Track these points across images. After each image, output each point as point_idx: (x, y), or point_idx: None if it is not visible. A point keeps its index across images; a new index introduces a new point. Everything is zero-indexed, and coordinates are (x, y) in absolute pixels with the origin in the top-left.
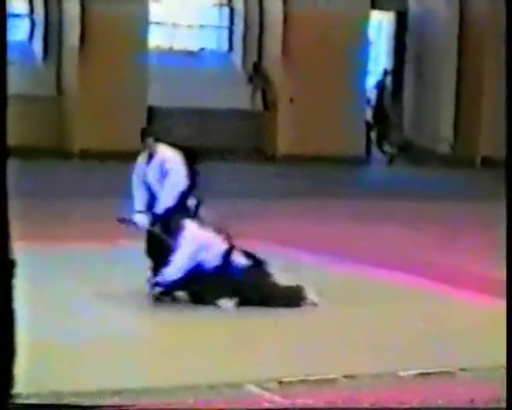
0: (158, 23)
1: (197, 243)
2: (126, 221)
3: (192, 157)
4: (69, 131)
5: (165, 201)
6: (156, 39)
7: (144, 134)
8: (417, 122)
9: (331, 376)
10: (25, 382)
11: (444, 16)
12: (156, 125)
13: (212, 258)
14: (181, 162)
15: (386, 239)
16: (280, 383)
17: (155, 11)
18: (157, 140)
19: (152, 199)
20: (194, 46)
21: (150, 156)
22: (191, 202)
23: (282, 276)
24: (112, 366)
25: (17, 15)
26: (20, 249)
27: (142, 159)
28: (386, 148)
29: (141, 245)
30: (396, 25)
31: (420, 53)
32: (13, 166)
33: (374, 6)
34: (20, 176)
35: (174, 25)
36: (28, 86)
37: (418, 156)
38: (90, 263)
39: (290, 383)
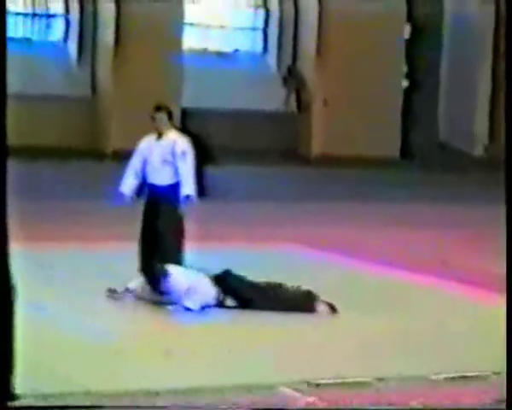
0: (192, 24)
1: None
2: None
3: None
4: (102, 132)
5: (189, 178)
6: (190, 40)
7: (158, 109)
8: (452, 124)
9: (363, 378)
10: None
11: (479, 18)
12: (190, 126)
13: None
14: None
15: (420, 243)
16: (312, 385)
17: (190, 12)
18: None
19: (143, 184)
20: (228, 47)
21: (159, 136)
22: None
23: (310, 279)
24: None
25: (52, 16)
26: (55, 250)
27: (148, 139)
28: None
29: None
30: (431, 25)
31: (455, 54)
32: (47, 166)
33: (410, 6)
34: (55, 176)
35: (208, 26)
36: (62, 87)
37: (452, 158)
38: (120, 264)
39: (322, 385)
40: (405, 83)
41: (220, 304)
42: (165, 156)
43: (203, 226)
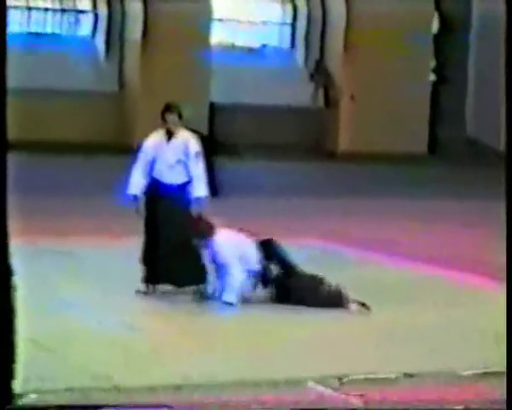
0: (220, 19)
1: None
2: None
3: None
4: (129, 127)
5: (201, 180)
6: (218, 35)
7: (169, 109)
8: (479, 119)
9: (392, 374)
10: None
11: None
12: (218, 121)
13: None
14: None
15: (447, 238)
16: (341, 380)
17: (218, 7)
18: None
19: (152, 182)
20: (256, 43)
21: (169, 135)
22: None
23: (338, 274)
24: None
25: (81, 11)
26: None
27: (156, 137)
28: None
29: None
30: (459, 20)
31: (483, 49)
32: (74, 161)
33: (438, 1)
34: (82, 171)
35: (236, 21)
36: (90, 82)
37: (480, 154)
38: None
39: (351, 381)
40: (433, 78)
41: (264, 271)
42: (179, 156)
43: (229, 221)
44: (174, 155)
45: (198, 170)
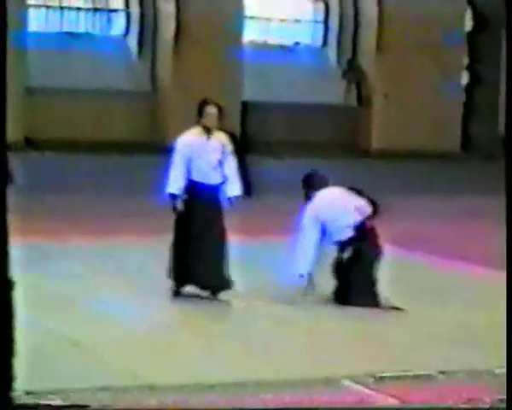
0: (252, 17)
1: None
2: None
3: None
4: (162, 126)
5: (236, 179)
6: (250, 34)
7: (209, 103)
8: None
9: (427, 372)
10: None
11: None
12: (250, 119)
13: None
14: None
15: (481, 235)
16: (376, 378)
17: (250, 5)
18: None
19: (190, 183)
20: (288, 41)
21: (209, 133)
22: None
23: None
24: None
25: (113, 11)
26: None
27: (194, 135)
28: None
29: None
30: (492, 18)
31: None
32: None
33: (470, 3)
34: (117, 171)
35: (268, 19)
36: (123, 81)
37: None
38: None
39: (386, 378)
40: (466, 76)
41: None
42: (218, 156)
43: (262, 220)
44: (215, 155)
45: (233, 169)
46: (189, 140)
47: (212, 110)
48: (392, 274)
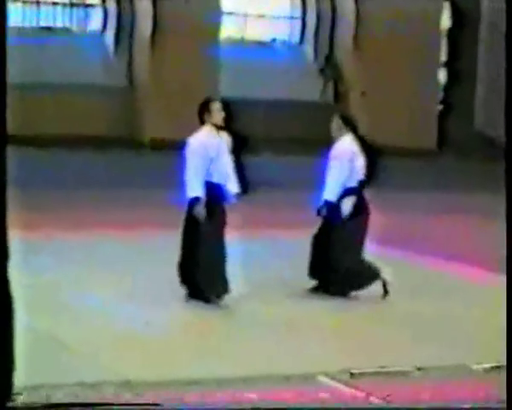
0: (229, 13)
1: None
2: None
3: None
4: (139, 122)
5: (235, 177)
6: (227, 30)
7: (213, 100)
8: (488, 113)
9: (404, 368)
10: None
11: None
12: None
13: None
14: None
15: (457, 231)
16: (352, 374)
17: (227, 1)
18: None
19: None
20: (265, 37)
21: (218, 132)
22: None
23: None
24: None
25: (90, 6)
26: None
27: (209, 136)
28: None
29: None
30: (469, 15)
31: (493, 44)
32: (84, 155)
33: None
34: (92, 165)
35: (245, 15)
36: (100, 76)
37: (489, 148)
38: (159, 251)
39: (361, 374)
40: (443, 73)
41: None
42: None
43: (240, 215)
44: (228, 154)
45: (231, 167)
46: (205, 141)
47: (219, 108)
48: None
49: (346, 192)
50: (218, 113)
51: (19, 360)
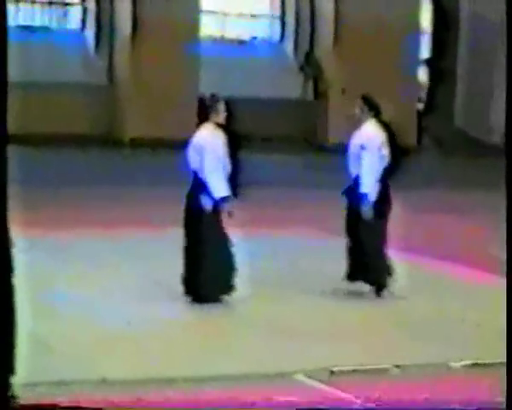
0: (209, 12)
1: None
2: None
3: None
4: (120, 120)
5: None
6: (208, 28)
7: (218, 99)
8: (469, 111)
9: (383, 366)
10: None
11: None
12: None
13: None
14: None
15: (437, 229)
16: (330, 372)
17: (207, 0)
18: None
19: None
20: (245, 35)
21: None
22: None
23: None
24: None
25: (70, 4)
26: (71, 235)
27: (216, 134)
28: None
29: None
30: (450, 14)
31: (473, 43)
32: (64, 153)
33: None
34: (71, 164)
35: (226, 13)
36: (80, 75)
37: (469, 146)
38: (139, 249)
39: (339, 372)
40: (423, 70)
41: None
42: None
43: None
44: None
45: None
46: (217, 140)
47: (223, 107)
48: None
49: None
50: (222, 112)
51: None
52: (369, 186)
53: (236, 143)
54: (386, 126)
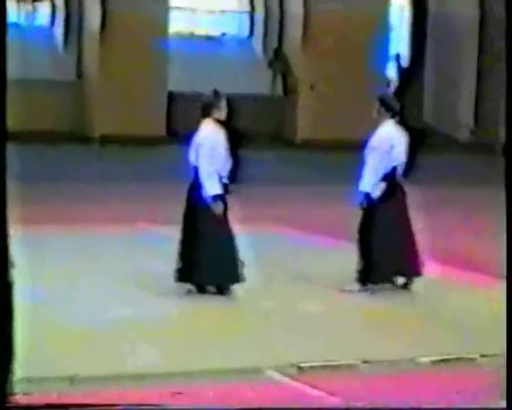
0: (178, 8)
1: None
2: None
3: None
4: (89, 117)
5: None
6: (177, 24)
7: (220, 96)
8: (437, 108)
9: (350, 361)
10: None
11: (465, 8)
12: (176, 110)
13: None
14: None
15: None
16: (300, 368)
17: None
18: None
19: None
20: (214, 31)
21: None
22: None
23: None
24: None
25: (37, 0)
26: (40, 232)
27: (218, 130)
28: None
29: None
30: (416, 11)
31: (440, 41)
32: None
33: None
34: (40, 160)
35: (194, 10)
36: (49, 71)
37: (438, 142)
38: (107, 246)
39: (308, 368)
40: (391, 68)
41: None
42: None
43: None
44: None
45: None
46: (216, 137)
47: (225, 104)
48: (316, 261)
49: (381, 179)
50: (223, 109)
51: None
52: (368, 185)
53: (237, 139)
54: (405, 127)
